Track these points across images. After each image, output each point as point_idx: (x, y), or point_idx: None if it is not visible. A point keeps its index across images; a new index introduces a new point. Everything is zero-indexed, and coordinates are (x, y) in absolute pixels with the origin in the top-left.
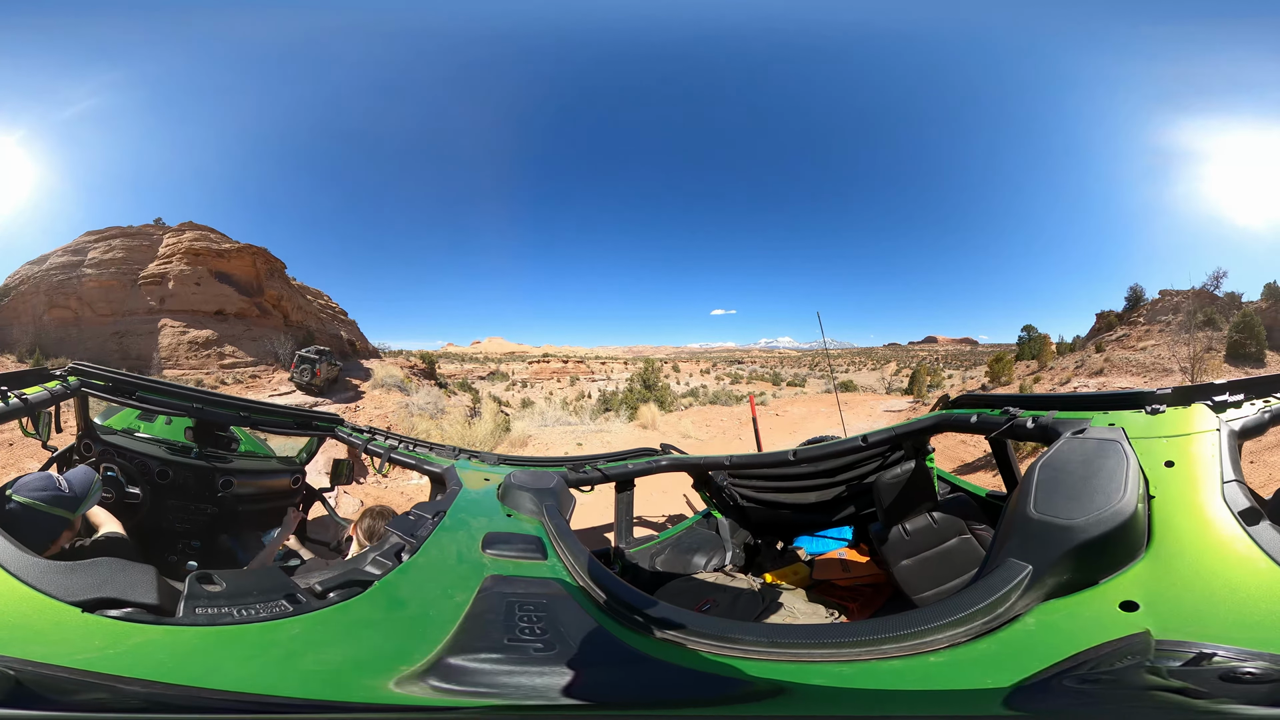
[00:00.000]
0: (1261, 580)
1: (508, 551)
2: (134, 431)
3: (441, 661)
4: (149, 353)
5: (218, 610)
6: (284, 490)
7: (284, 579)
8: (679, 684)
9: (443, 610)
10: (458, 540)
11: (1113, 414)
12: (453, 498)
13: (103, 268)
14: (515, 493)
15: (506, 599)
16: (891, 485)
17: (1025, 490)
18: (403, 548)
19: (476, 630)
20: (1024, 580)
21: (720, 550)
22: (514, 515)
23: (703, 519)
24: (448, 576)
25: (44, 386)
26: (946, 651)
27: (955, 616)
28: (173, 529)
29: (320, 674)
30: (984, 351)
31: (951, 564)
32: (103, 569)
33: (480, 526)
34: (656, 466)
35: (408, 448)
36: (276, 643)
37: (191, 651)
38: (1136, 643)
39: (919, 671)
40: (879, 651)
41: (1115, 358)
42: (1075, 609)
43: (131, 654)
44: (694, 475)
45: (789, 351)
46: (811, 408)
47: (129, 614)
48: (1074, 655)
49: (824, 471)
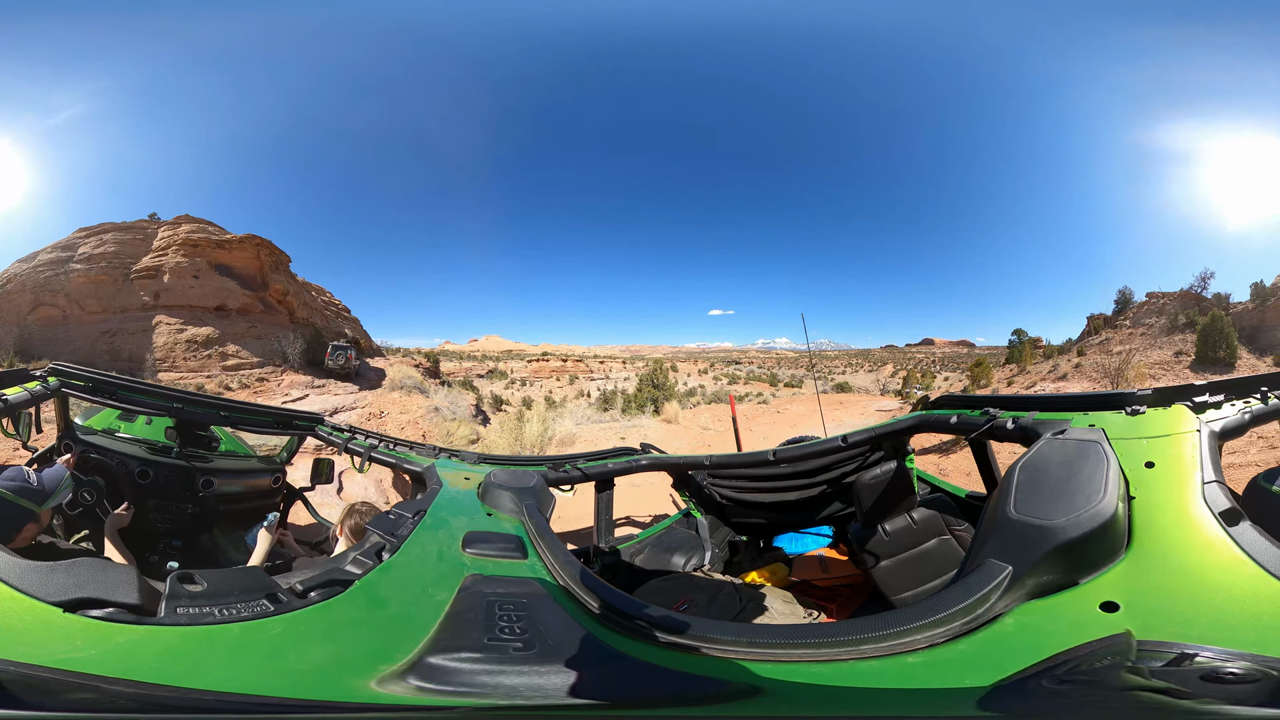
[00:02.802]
0: (1242, 581)
1: (488, 551)
2: (114, 432)
3: (422, 661)
4: (142, 353)
5: (199, 610)
6: (265, 490)
7: (265, 579)
8: (656, 683)
9: (423, 609)
10: (438, 539)
11: (1093, 415)
12: (433, 496)
13: (92, 262)
14: (495, 492)
15: (486, 598)
16: (871, 486)
17: (1005, 491)
18: (383, 547)
19: (457, 630)
20: (1003, 581)
21: (699, 550)
22: (494, 514)
23: (683, 519)
24: (428, 576)
25: (23, 387)
26: (925, 652)
27: (934, 617)
28: (154, 529)
29: (304, 673)
30: (980, 354)
31: (931, 565)
32: (83, 569)
33: (461, 526)
34: (636, 466)
35: (388, 446)
36: (258, 642)
37: (174, 651)
38: (1118, 643)
39: (897, 671)
40: (857, 652)
41: (1085, 363)
42: (1055, 610)
43: (115, 654)
44: (674, 475)
45: (786, 352)
46: (810, 407)
47: (111, 614)
48: (1053, 656)
49: (804, 471)
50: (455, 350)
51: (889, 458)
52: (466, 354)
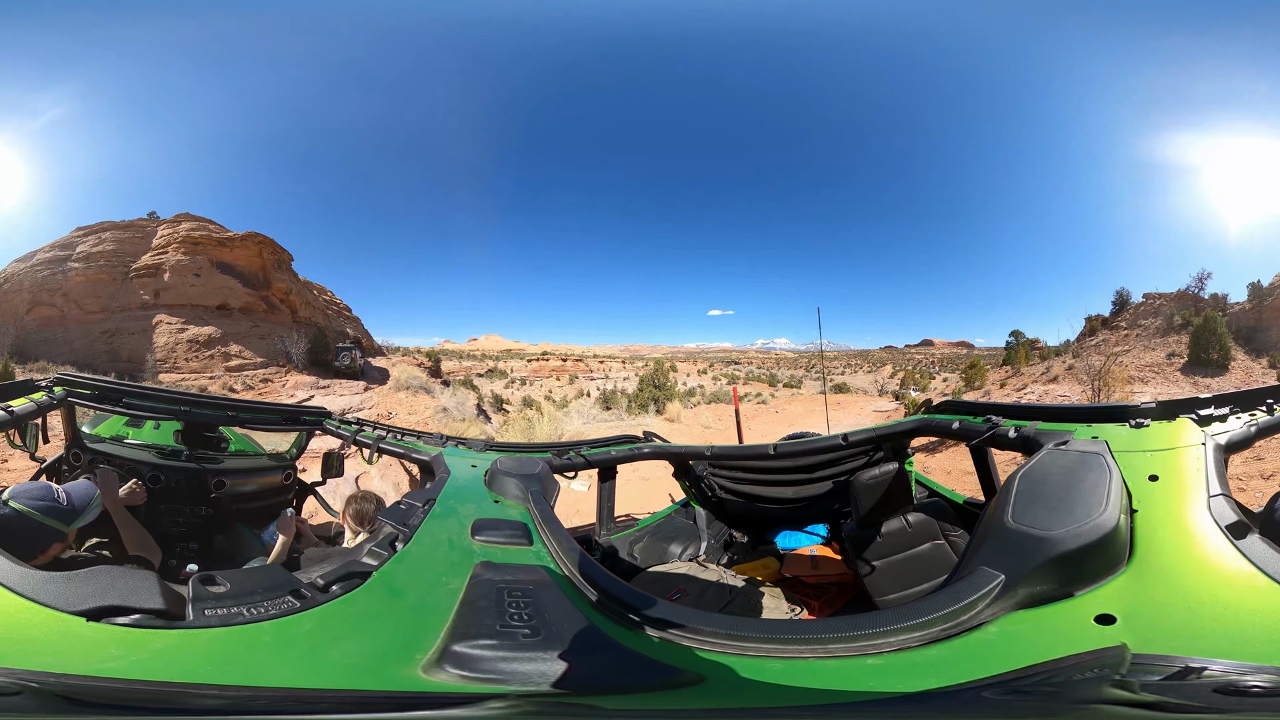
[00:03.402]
0: (1252, 593)
1: (495, 538)
2: (122, 438)
3: (449, 649)
4: (142, 353)
5: (228, 611)
6: (277, 486)
7: (286, 575)
8: (629, 669)
9: (439, 598)
10: (448, 528)
11: (1096, 426)
12: (441, 485)
13: (91, 261)
14: (501, 479)
15: (496, 586)
16: (869, 486)
17: (1004, 500)
18: (396, 537)
19: (472, 617)
20: (994, 589)
21: (696, 540)
22: (501, 501)
23: (681, 508)
24: (441, 564)
25: (30, 398)
26: (891, 655)
27: (911, 621)
28: (168, 532)
29: (350, 666)
30: (979, 355)
31: (921, 568)
32: (100, 577)
33: (469, 513)
34: (639, 454)
35: (396, 437)
36: (293, 639)
37: (215, 653)
38: (1110, 655)
39: (848, 673)
40: (824, 650)
41: (1078, 365)
42: (1044, 620)
43: (155, 659)
44: (674, 464)
45: (785, 353)
46: (809, 407)
47: (138, 620)
48: (1031, 666)
49: (803, 467)
50: (455, 349)
51: (889, 459)
52: (466, 353)
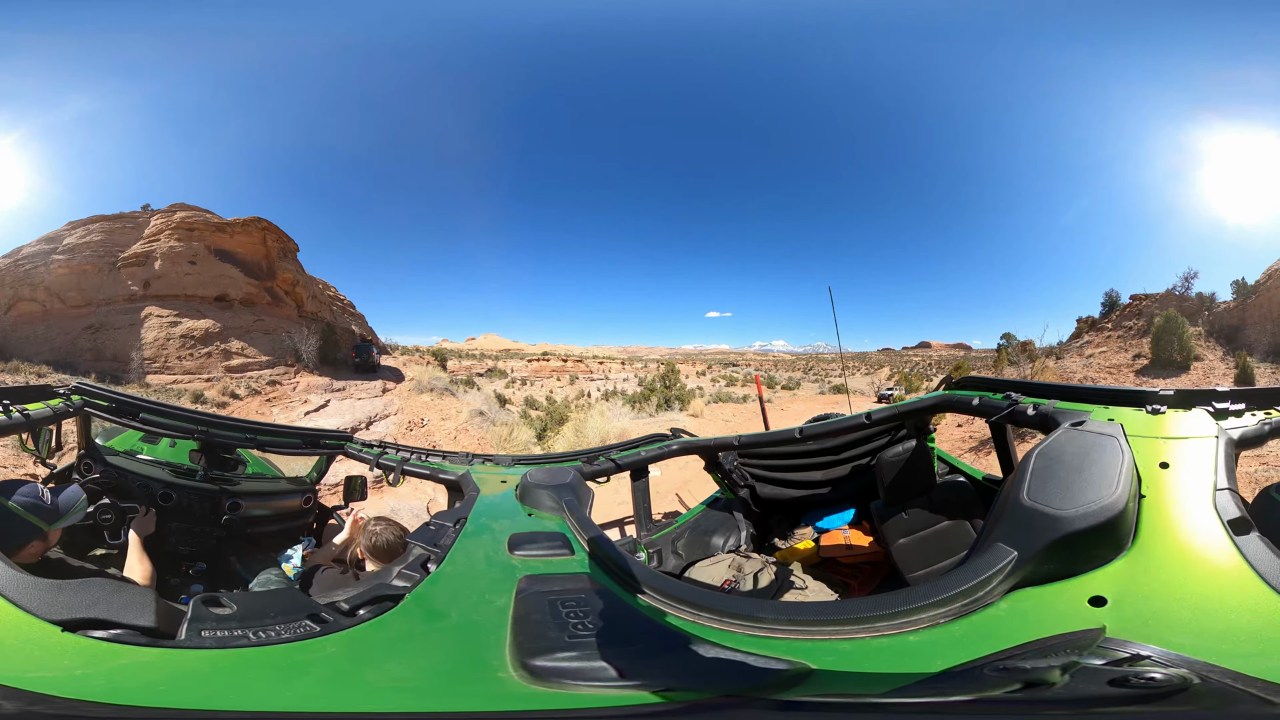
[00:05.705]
0: (1238, 591)
1: (536, 551)
2: (136, 453)
3: (527, 664)
4: (128, 350)
5: (228, 633)
6: (295, 511)
7: (304, 599)
8: (736, 667)
9: (487, 615)
10: (483, 545)
11: (1113, 409)
12: (471, 503)
13: (76, 253)
14: (534, 491)
15: (547, 598)
16: (893, 463)
17: (1020, 477)
18: (428, 558)
19: (534, 632)
20: (1008, 565)
21: (735, 530)
22: (535, 514)
23: (715, 501)
24: (481, 582)
25: (47, 404)
26: (925, 631)
27: (939, 597)
28: (175, 551)
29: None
30: (977, 357)
31: (944, 544)
32: (95, 589)
33: (504, 529)
34: (669, 451)
35: (420, 458)
36: (311, 662)
37: (195, 674)
38: (1084, 637)
39: (898, 650)
40: (872, 629)
41: (1056, 367)
42: (1046, 599)
43: (115, 676)
44: (705, 457)
45: (783, 355)
46: (809, 407)
47: (116, 635)
48: (1021, 645)
49: (829, 449)
50: (453, 348)
51: (911, 436)
52: (465, 352)
